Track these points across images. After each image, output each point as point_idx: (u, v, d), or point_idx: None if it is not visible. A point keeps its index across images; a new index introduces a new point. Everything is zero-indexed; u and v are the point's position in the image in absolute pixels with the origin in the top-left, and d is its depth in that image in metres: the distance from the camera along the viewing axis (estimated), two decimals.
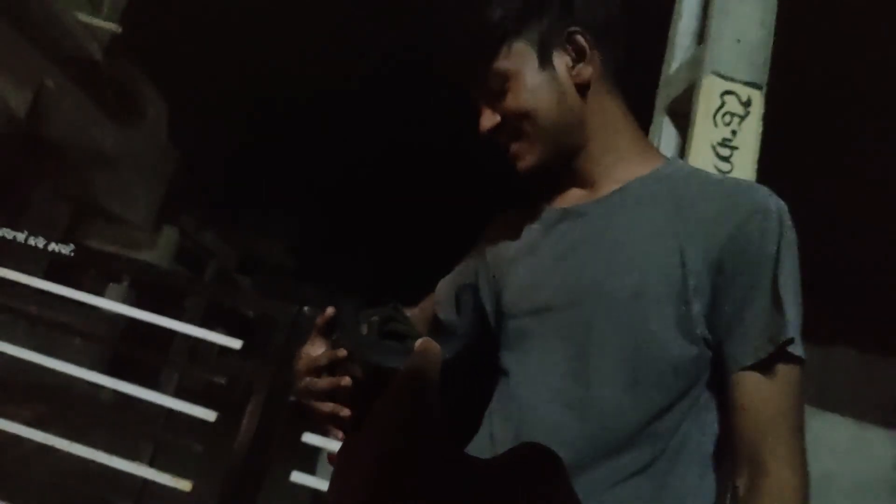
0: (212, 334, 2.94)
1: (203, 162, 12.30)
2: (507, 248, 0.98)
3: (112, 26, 8.81)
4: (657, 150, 0.96)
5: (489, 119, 0.90)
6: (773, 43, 2.53)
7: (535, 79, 0.86)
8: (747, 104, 2.37)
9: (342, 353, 0.77)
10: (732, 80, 2.38)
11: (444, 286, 1.09)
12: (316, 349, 0.84)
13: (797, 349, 0.74)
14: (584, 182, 0.92)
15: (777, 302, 0.74)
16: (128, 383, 3.01)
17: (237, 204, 13.95)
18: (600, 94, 0.89)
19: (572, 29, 0.86)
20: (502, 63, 0.86)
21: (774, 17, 2.55)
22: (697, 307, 0.76)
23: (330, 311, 0.85)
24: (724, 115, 2.35)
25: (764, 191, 0.82)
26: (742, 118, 2.35)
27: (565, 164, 0.91)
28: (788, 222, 0.79)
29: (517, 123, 0.88)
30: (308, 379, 0.80)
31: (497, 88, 0.87)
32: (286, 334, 2.62)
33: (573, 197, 0.94)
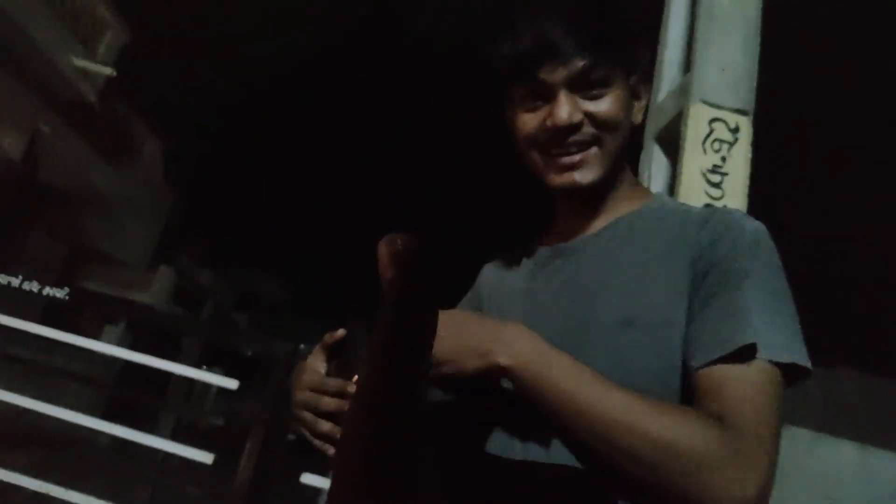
0: (208, 375, 2.92)
1: (198, 201, 12.34)
2: (503, 291, 0.98)
3: (107, 70, 8.91)
4: (647, 189, 0.98)
5: (576, 113, 0.83)
6: (759, 69, 2.57)
7: (627, 101, 0.87)
8: (735, 130, 2.39)
9: (352, 386, 0.77)
10: (719, 107, 2.41)
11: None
12: (319, 365, 0.85)
13: (767, 353, 0.69)
14: (581, 217, 0.92)
15: (739, 311, 0.72)
16: (124, 427, 2.98)
17: (233, 242, 13.97)
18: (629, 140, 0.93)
19: (645, 78, 0.91)
20: (611, 69, 0.84)
21: (758, 43, 2.59)
22: (683, 333, 0.76)
23: (340, 332, 0.85)
24: (712, 142, 2.37)
25: (740, 214, 0.83)
26: (731, 144, 2.38)
27: (593, 195, 0.90)
28: (766, 243, 0.78)
29: (601, 132, 0.85)
30: (310, 394, 0.81)
31: (594, 88, 0.84)
32: (283, 373, 2.61)
33: (564, 234, 0.94)
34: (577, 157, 0.85)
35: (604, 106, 0.84)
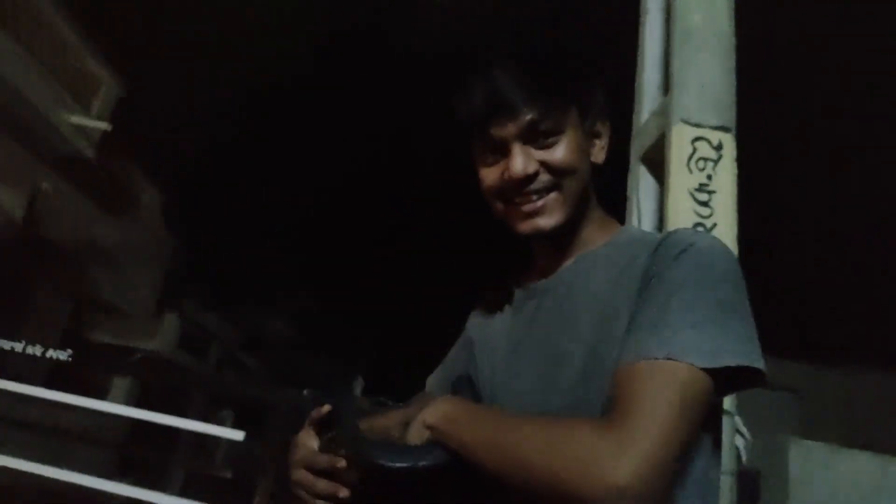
0: (214, 428, 2.92)
1: (200, 246, 12.40)
2: (489, 334, 1.01)
3: (102, 125, 9.03)
4: (614, 222, 1.00)
5: (530, 164, 0.87)
6: (738, 84, 2.60)
7: (581, 145, 0.90)
8: (719, 148, 2.41)
9: (341, 462, 0.80)
10: (701, 125, 2.44)
11: (435, 381, 1.11)
12: (310, 441, 0.88)
13: (681, 357, 0.71)
14: (552, 257, 0.96)
15: (659, 318, 0.74)
16: (133, 487, 2.97)
17: (237, 284, 14.00)
18: (592, 179, 0.96)
19: (605, 116, 0.95)
20: (559, 118, 0.88)
21: (734, 60, 2.62)
22: None
23: (326, 408, 0.87)
24: (697, 160, 2.39)
25: (690, 232, 0.85)
26: (716, 162, 2.40)
27: (560, 236, 0.93)
28: (711, 255, 0.79)
29: (557, 178, 0.88)
30: (304, 473, 0.84)
31: (546, 138, 0.87)
32: (287, 422, 2.61)
33: (536, 274, 0.99)
34: (538, 204, 0.89)
35: (557, 153, 0.88)
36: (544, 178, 0.88)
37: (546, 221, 0.89)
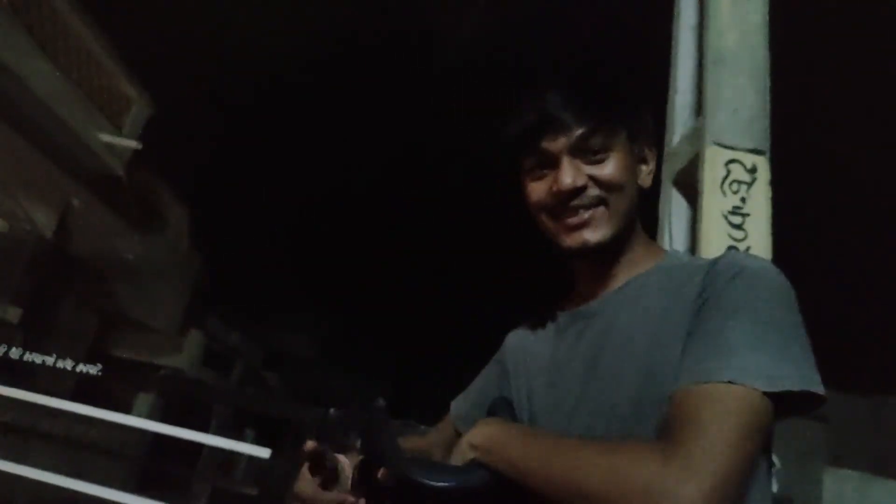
0: (240, 444, 2.91)
1: (225, 264, 12.54)
2: (528, 359, 1.00)
3: (133, 143, 9.21)
4: (660, 247, 1.01)
5: (579, 177, 0.88)
6: (773, 107, 2.57)
7: (631, 164, 0.92)
8: (753, 171, 2.38)
9: (350, 500, 0.83)
10: (734, 148, 2.41)
11: (463, 404, 1.10)
12: (309, 486, 0.89)
13: (740, 379, 0.70)
14: (597, 281, 0.95)
15: (717, 340, 0.74)
16: (156, 501, 2.97)
17: (260, 303, 14.10)
18: (640, 204, 0.96)
19: (651, 142, 0.96)
20: (611, 135, 0.89)
21: (769, 81, 2.60)
22: None
23: (311, 444, 0.88)
24: (731, 183, 2.36)
25: (744, 255, 0.84)
26: (749, 185, 2.37)
27: (607, 256, 0.93)
28: (766, 279, 0.79)
29: (605, 193, 0.89)
30: None
31: (595, 153, 0.89)
32: (315, 438, 2.59)
33: (582, 298, 0.97)
34: (585, 217, 0.89)
35: (606, 169, 0.89)
36: (592, 192, 0.89)
37: (592, 235, 0.89)
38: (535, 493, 0.75)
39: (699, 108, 2.66)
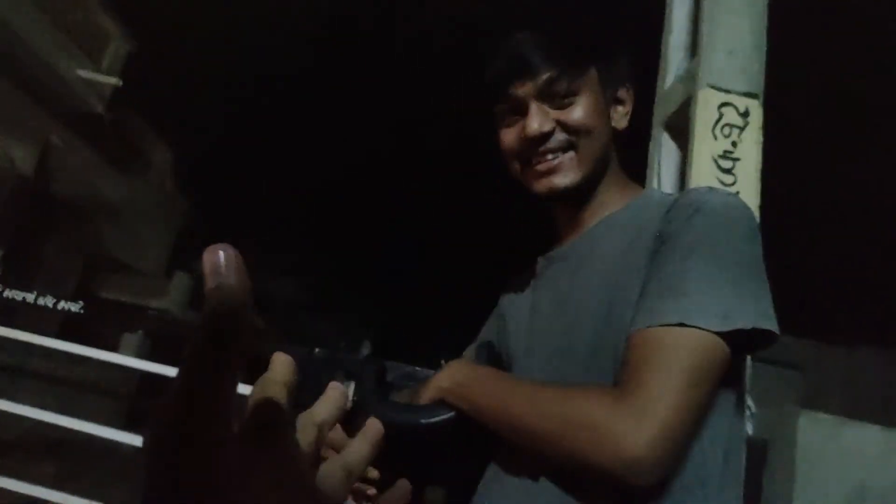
0: None
1: (210, 205, 12.42)
2: (517, 308, 1.01)
3: (113, 80, 8.96)
4: (637, 186, 0.99)
5: (545, 122, 0.88)
6: (768, 51, 2.52)
7: (601, 105, 0.90)
8: (746, 115, 2.35)
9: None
10: (728, 91, 2.37)
11: (469, 353, 1.13)
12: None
13: (694, 321, 0.70)
14: (573, 224, 0.96)
15: (673, 282, 0.74)
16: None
17: (246, 245, 14.02)
18: (615, 144, 0.96)
19: (626, 81, 0.95)
20: (582, 79, 0.89)
21: (766, 24, 2.54)
22: None
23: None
24: (722, 127, 2.33)
25: (706, 190, 0.83)
26: (742, 129, 2.34)
27: (579, 199, 0.94)
28: (727, 214, 0.78)
29: (574, 136, 0.89)
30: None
31: (563, 98, 0.88)
32: (299, 377, 2.60)
33: (559, 242, 1.00)
34: (553, 163, 0.89)
35: (574, 113, 0.89)
36: (560, 136, 0.89)
37: (561, 180, 0.90)
38: (494, 433, 0.78)
39: (693, 50, 2.61)
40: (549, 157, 0.89)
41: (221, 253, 0.30)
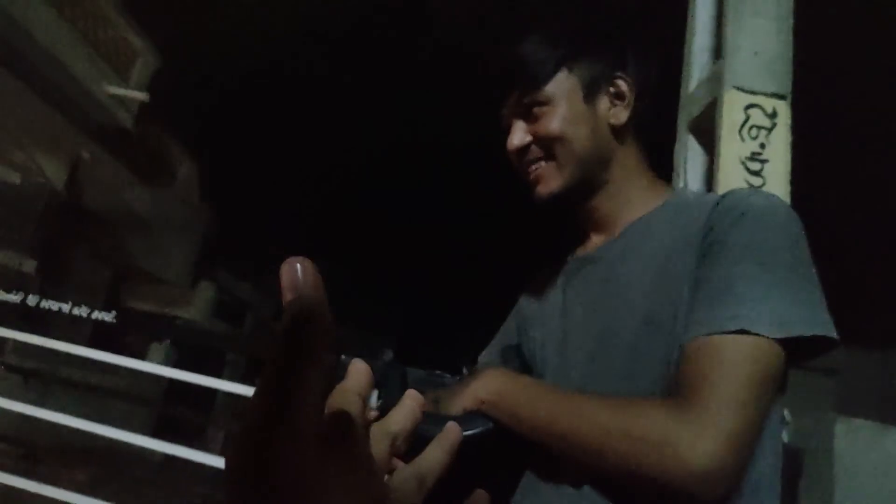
0: (251, 390, 2.96)
1: (234, 216, 12.57)
2: (542, 309, 1.00)
3: (141, 95, 9.14)
4: (667, 186, 0.98)
5: (520, 137, 0.92)
6: (795, 49, 2.49)
7: (576, 110, 0.90)
8: (773, 115, 2.33)
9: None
10: (754, 92, 2.35)
11: (486, 357, 1.10)
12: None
13: (751, 328, 0.68)
14: (600, 225, 0.95)
15: (724, 288, 0.72)
16: (174, 444, 3.04)
17: (269, 255, 14.17)
18: (628, 140, 0.93)
19: (619, 74, 0.92)
20: (549, 87, 0.89)
21: (791, 24, 2.51)
22: None
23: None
24: (749, 128, 2.31)
25: (749, 192, 0.81)
26: (769, 130, 2.31)
27: (584, 201, 0.94)
28: (773, 217, 0.76)
29: (548, 146, 0.90)
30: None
31: (535, 110, 0.90)
32: (325, 384, 2.62)
33: (587, 245, 0.98)
34: (536, 173, 0.92)
35: (543, 124, 0.90)
36: (535, 148, 0.91)
37: (542, 188, 0.91)
38: (541, 447, 0.76)
39: (718, 52, 2.59)
40: (533, 167, 0.92)
41: (298, 265, 0.31)
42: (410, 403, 0.39)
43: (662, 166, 2.76)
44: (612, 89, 0.91)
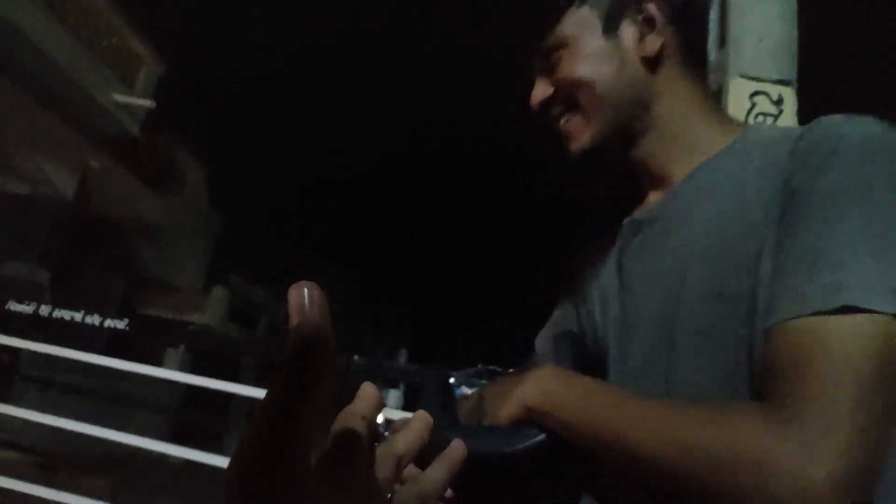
0: (264, 393, 2.98)
1: (244, 220, 12.63)
2: (598, 284, 0.85)
3: (147, 102, 9.20)
4: (734, 123, 0.80)
5: (541, 90, 0.80)
6: (800, 36, 2.47)
7: (596, 46, 0.77)
8: (779, 102, 2.31)
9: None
10: (760, 80, 2.33)
11: (542, 340, 0.96)
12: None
13: (861, 301, 0.52)
14: (655, 178, 0.79)
15: (821, 249, 0.55)
16: (192, 449, 3.06)
17: (281, 257, 14.24)
18: (672, 72, 0.77)
19: (643, 5, 0.77)
20: (563, 28, 0.78)
21: (796, 10, 2.49)
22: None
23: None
24: (756, 116, 2.29)
25: (833, 121, 0.63)
26: (776, 117, 2.30)
27: (628, 152, 0.78)
28: (873, 154, 0.58)
29: (571, 94, 0.78)
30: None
31: (553, 56, 0.79)
32: (337, 384, 2.63)
33: (643, 203, 0.82)
34: (565, 128, 0.80)
35: (561, 70, 0.78)
36: (559, 99, 0.79)
37: (574, 145, 0.79)
38: (607, 463, 0.63)
39: (722, 39, 2.57)
40: (561, 122, 0.80)
41: (306, 290, 0.31)
42: (418, 425, 0.39)
43: None
44: (638, 16, 0.77)
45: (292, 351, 0.29)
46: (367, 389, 0.37)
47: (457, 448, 0.40)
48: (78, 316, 3.22)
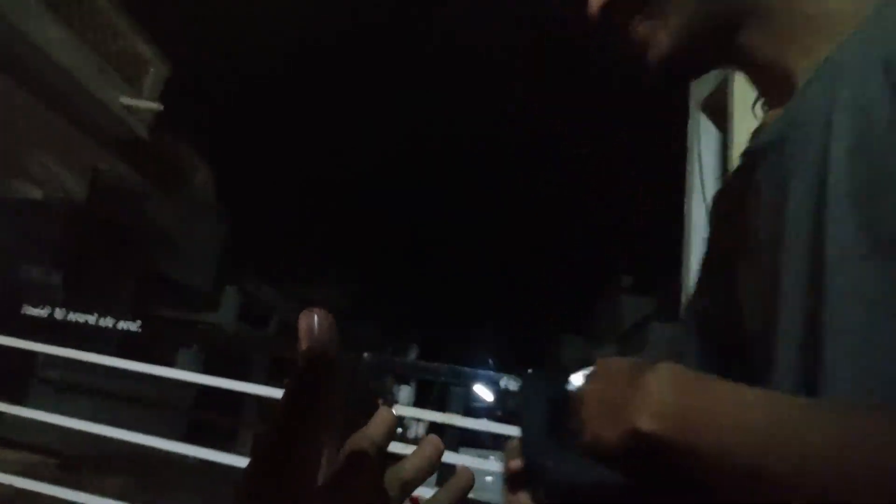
0: (276, 391, 3.00)
1: (254, 220, 12.68)
2: (725, 221, 0.68)
3: (154, 105, 9.24)
4: (851, 12, 0.53)
5: None
6: None
7: None
8: None
9: None
10: None
11: (664, 330, 0.77)
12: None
13: None
14: (772, 83, 0.61)
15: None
16: (206, 449, 3.09)
17: (291, 255, 14.29)
18: None
19: None
20: None
21: None
22: None
23: (515, 463, 0.59)
24: (763, 104, 2.28)
25: None
26: None
27: (729, 51, 0.61)
28: None
29: None
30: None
31: None
32: (347, 383, 2.65)
33: (757, 130, 0.66)
34: (638, 35, 0.63)
35: None
36: (623, 1, 0.63)
37: (655, 51, 0.62)
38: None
39: None
40: (632, 25, 0.63)
41: (315, 317, 0.32)
42: (429, 450, 0.38)
43: (675, 148, 2.74)
44: None
45: (300, 374, 0.31)
46: (384, 415, 0.38)
47: (465, 477, 0.39)
48: (92, 319, 3.25)
